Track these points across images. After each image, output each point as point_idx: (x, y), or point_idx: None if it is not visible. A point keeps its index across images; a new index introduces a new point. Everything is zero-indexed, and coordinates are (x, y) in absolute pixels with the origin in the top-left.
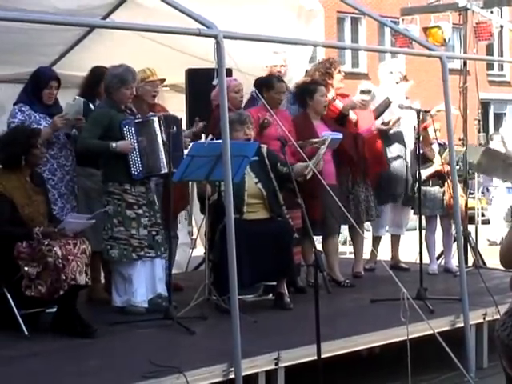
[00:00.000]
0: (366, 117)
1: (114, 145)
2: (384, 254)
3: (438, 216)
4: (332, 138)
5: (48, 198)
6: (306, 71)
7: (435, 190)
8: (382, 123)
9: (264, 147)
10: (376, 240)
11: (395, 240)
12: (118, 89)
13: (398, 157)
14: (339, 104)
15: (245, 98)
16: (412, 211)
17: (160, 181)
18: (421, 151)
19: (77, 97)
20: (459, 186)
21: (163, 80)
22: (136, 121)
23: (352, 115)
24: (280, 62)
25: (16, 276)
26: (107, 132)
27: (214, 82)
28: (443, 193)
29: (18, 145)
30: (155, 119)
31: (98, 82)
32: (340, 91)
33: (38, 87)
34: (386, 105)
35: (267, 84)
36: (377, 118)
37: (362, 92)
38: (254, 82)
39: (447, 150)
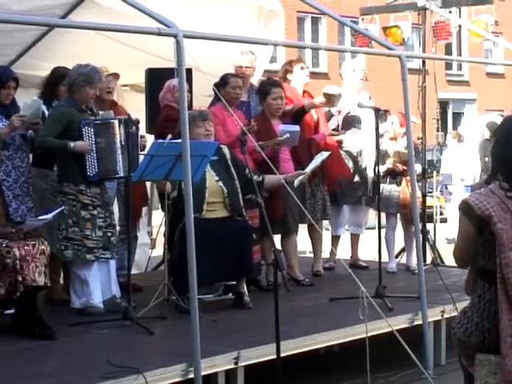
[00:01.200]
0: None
1: (72, 144)
2: (343, 252)
3: (399, 214)
4: (291, 131)
5: (4, 199)
6: (265, 71)
7: (391, 188)
8: (333, 129)
9: (225, 147)
10: (335, 239)
11: (354, 239)
12: (83, 87)
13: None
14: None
15: (207, 99)
16: (370, 210)
17: (122, 180)
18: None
19: (35, 97)
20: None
21: (117, 75)
22: (96, 122)
23: (314, 115)
24: (245, 63)
25: None
26: (66, 131)
27: (175, 82)
28: (399, 191)
29: None
30: (115, 122)
31: (57, 82)
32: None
33: None
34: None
35: (222, 81)
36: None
37: (325, 94)
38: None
39: (397, 148)
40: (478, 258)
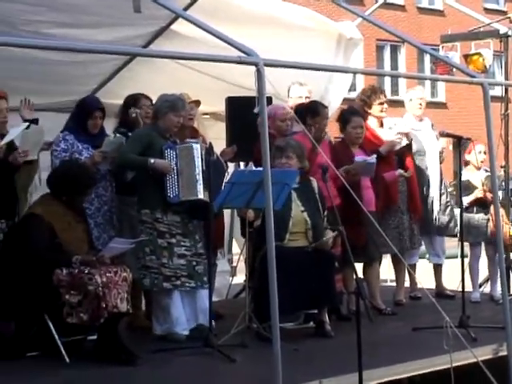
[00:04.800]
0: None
1: (152, 160)
2: (426, 282)
3: (483, 243)
4: (367, 162)
5: (89, 227)
6: (344, 99)
7: (479, 217)
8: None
9: (314, 181)
10: (411, 268)
11: (437, 269)
12: (166, 114)
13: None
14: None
15: None
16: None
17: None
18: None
19: (118, 134)
20: (504, 213)
21: (198, 102)
22: (178, 146)
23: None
24: (305, 94)
25: (57, 303)
26: (146, 151)
27: (256, 110)
28: (488, 220)
29: (75, 189)
30: (197, 146)
31: (130, 106)
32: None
33: (82, 116)
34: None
35: (312, 110)
36: None
37: (390, 128)
38: (296, 108)
39: (486, 176)
40: None
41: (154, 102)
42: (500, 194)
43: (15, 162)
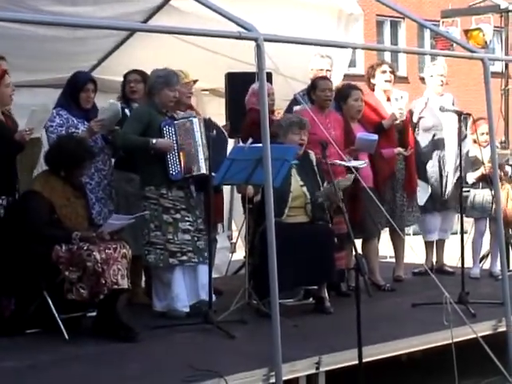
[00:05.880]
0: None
1: (154, 141)
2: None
3: (488, 219)
4: (368, 139)
5: (88, 202)
6: (344, 75)
7: (485, 192)
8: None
9: (312, 153)
10: (428, 245)
11: (440, 244)
12: (162, 89)
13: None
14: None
15: (286, 103)
16: (458, 215)
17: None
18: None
19: (111, 100)
20: (510, 189)
21: (196, 81)
22: (176, 121)
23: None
24: (326, 67)
25: (57, 280)
26: (146, 130)
27: (254, 86)
28: (493, 196)
29: (72, 162)
30: (195, 120)
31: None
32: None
33: (74, 91)
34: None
35: (311, 85)
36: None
37: (396, 100)
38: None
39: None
40: None
41: None
42: (509, 169)
43: (22, 140)
